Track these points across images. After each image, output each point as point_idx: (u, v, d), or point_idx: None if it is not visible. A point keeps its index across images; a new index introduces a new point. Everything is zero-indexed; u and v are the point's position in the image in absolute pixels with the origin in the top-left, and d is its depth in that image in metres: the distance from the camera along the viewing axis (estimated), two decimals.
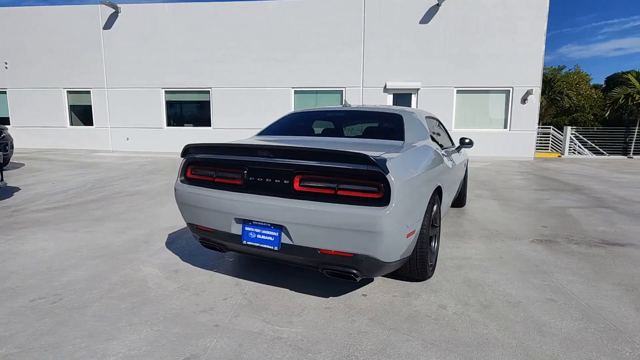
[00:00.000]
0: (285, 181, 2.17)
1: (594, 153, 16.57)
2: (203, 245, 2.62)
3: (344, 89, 12.72)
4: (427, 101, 12.51)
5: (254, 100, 13.03)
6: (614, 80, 33.62)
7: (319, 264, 2.16)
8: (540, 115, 13.87)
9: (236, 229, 2.32)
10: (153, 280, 2.68)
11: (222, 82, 13.10)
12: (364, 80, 12.61)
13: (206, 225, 2.46)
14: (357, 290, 2.56)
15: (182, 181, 2.59)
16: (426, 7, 12.16)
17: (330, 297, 2.46)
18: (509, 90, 12.52)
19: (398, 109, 3.36)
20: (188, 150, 2.49)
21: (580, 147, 16.35)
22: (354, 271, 2.09)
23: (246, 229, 2.28)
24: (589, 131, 17.64)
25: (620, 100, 17.85)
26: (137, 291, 2.51)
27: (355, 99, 12.68)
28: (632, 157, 14.58)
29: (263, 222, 2.22)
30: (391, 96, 12.68)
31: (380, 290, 2.56)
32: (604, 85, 31.83)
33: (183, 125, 13.76)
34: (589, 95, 28.11)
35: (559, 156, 14.78)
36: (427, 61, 12.39)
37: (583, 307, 2.36)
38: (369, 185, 2.00)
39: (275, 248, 2.18)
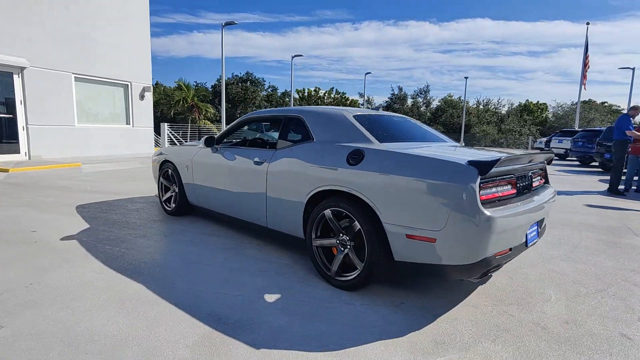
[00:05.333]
0: (533, 181, 2.53)
1: None
2: (480, 278, 2.13)
3: None
4: (39, 86, 9.44)
5: None
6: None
7: None
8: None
9: (524, 237, 2.29)
10: None
11: None
12: None
13: (506, 246, 2.15)
14: None
15: (486, 206, 2.01)
16: None
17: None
18: (128, 85, 12.07)
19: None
20: (493, 164, 1.94)
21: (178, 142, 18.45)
22: None
23: (528, 231, 2.30)
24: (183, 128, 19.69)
25: (180, 101, 21.66)
26: None
27: None
28: None
29: (534, 222, 2.36)
30: None
31: None
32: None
33: None
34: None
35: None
36: (35, 34, 9.20)
37: None
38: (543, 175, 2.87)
39: (537, 240, 2.45)
